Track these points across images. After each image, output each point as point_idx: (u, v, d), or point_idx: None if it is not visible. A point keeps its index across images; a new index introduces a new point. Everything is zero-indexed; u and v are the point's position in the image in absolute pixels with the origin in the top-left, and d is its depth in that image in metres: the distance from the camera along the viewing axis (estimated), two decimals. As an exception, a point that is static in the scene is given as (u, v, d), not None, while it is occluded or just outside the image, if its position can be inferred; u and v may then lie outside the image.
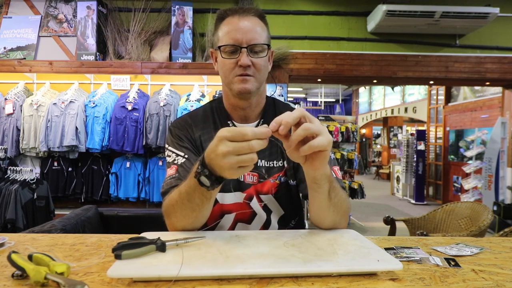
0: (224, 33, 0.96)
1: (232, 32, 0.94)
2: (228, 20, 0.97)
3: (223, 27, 0.97)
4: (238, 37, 0.94)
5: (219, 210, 1.02)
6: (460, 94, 7.27)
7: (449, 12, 3.63)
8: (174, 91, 3.65)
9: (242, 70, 0.95)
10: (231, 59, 0.95)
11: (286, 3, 4.01)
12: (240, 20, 0.95)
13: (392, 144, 12.35)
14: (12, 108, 3.48)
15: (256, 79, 0.98)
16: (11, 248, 0.78)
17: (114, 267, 0.61)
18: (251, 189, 1.02)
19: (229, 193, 1.01)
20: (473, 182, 5.50)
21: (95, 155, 3.63)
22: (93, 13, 3.65)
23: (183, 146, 1.00)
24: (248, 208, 1.02)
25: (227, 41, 0.95)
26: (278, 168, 1.03)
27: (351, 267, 0.64)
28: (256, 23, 0.97)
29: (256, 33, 0.96)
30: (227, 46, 0.95)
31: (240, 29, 0.94)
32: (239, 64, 0.94)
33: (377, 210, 6.61)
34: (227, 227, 1.02)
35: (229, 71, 0.97)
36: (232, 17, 0.97)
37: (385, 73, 4.01)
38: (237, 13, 0.97)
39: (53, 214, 2.84)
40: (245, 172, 0.73)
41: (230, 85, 0.98)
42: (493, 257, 0.78)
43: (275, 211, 1.03)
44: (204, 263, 0.63)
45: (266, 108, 1.08)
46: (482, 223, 2.34)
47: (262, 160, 1.02)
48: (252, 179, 1.02)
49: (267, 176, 1.02)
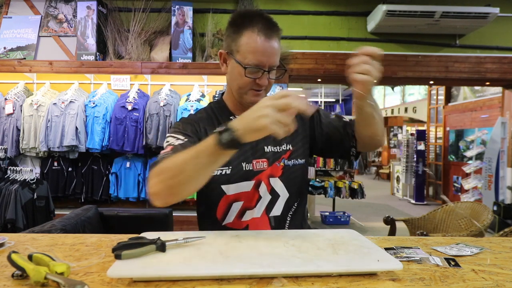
0: (248, 51, 0.97)
1: (257, 54, 0.97)
2: (252, 36, 0.97)
3: (246, 40, 0.98)
4: (263, 60, 0.97)
5: (226, 203, 1.04)
6: (460, 94, 7.27)
7: (449, 12, 3.63)
8: (174, 91, 3.65)
9: (258, 87, 1.01)
10: (252, 78, 0.99)
11: (286, 3, 4.01)
12: (266, 41, 0.97)
13: (392, 144, 12.35)
14: (12, 108, 3.48)
15: (266, 93, 1.06)
16: (11, 248, 0.78)
17: (114, 267, 0.61)
18: (260, 175, 1.05)
19: (237, 183, 1.03)
20: (473, 182, 5.49)
21: (95, 155, 3.63)
22: (93, 13, 3.65)
23: (184, 134, 1.01)
24: (256, 194, 1.05)
25: (252, 62, 0.97)
26: (283, 152, 1.09)
27: (351, 267, 0.64)
28: (278, 45, 1.01)
29: (277, 55, 1.00)
30: (252, 67, 0.98)
31: (265, 52, 0.97)
32: (257, 83, 1.00)
33: (377, 210, 6.61)
34: (234, 216, 1.04)
35: (245, 85, 1.01)
36: (256, 34, 0.97)
37: (385, 73, 3.98)
38: (262, 32, 0.97)
39: (53, 214, 2.83)
40: (277, 134, 0.73)
41: (242, 95, 1.04)
42: (493, 257, 0.78)
43: (282, 194, 1.07)
44: (204, 263, 0.63)
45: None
46: (482, 223, 2.34)
47: (268, 146, 1.07)
48: (262, 165, 1.06)
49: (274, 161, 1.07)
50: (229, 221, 1.04)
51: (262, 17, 0.99)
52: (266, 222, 1.05)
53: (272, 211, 1.05)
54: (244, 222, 1.04)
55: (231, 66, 1.03)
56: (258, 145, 1.07)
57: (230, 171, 1.03)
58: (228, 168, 1.03)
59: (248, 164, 1.05)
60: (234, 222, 1.04)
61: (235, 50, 1.00)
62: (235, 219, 1.04)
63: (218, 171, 1.03)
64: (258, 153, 1.06)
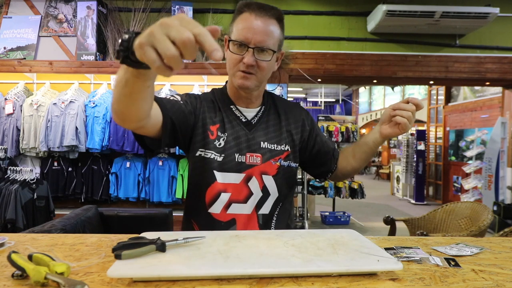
0: (237, 28, 0.99)
1: (244, 30, 0.97)
2: (245, 16, 0.99)
3: (239, 21, 1.00)
4: (248, 36, 0.96)
5: (215, 190, 1.03)
6: (460, 94, 7.27)
7: (449, 12, 3.63)
8: (174, 91, 3.65)
9: (245, 68, 0.99)
10: (237, 55, 0.99)
11: (286, 3, 4.01)
12: (255, 19, 0.97)
13: (392, 144, 12.35)
14: (12, 108, 3.48)
15: (257, 78, 1.02)
16: (11, 248, 0.78)
17: (114, 267, 0.61)
18: (252, 169, 1.04)
19: (227, 173, 1.03)
20: (473, 182, 5.49)
21: (95, 155, 3.63)
22: (93, 13, 3.65)
23: (182, 99, 1.04)
24: (245, 188, 1.03)
25: (237, 37, 0.98)
26: (280, 152, 1.08)
27: (351, 267, 0.64)
28: (270, 25, 0.99)
29: (266, 35, 0.98)
30: (236, 42, 0.98)
31: (252, 28, 0.96)
32: (243, 62, 0.98)
33: (377, 210, 6.61)
34: (221, 207, 1.03)
35: (233, 65, 1.01)
36: (249, 13, 0.98)
37: (385, 73, 4.01)
38: (255, 11, 0.98)
39: (53, 214, 2.83)
40: (150, 64, 0.52)
41: (232, 77, 1.04)
42: (493, 257, 0.78)
43: (272, 193, 1.06)
44: (204, 263, 0.63)
45: (265, 96, 1.16)
46: (482, 223, 2.34)
47: (265, 142, 1.07)
48: (255, 160, 1.05)
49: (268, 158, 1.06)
50: (216, 211, 1.03)
51: (262, 3, 1.00)
52: (255, 220, 1.04)
53: (262, 209, 1.05)
54: (229, 215, 1.03)
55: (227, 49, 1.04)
56: (255, 139, 1.06)
57: (222, 159, 1.02)
58: (220, 156, 1.02)
59: (241, 155, 1.04)
60: (220, 214, 1.02)
61: (231, 32, 1.02)
62: (222, 210, 1.03)
63: (211, 155, 1.03)
64: (253, 147, 1.05)
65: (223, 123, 1.06)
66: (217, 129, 1.05)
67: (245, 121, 1.09)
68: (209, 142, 1.03)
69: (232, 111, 1.09)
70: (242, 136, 1.06)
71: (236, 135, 1.05)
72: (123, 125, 0.83)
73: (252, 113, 1.10)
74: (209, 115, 1.06)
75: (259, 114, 1.11)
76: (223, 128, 1.06)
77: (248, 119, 1.09)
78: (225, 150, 1.03)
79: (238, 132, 1.06)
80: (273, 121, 1.11)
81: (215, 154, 1.02)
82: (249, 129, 1.08)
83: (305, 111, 1.21)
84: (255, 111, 1.11)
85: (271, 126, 1.10)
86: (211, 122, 1.05)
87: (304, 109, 1.22)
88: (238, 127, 1.07)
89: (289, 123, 1.13)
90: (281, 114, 1.13)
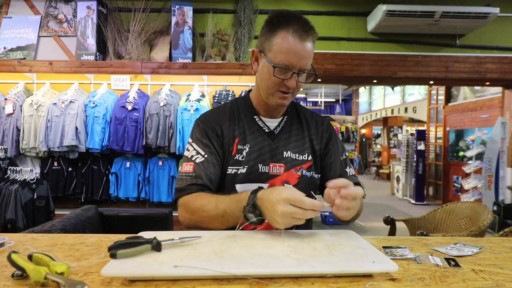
0: (280, 50, 0.96)
1: (289, 55, 0.95)
2: (288, 37, 0.95)
3: (279, 40, 0.96)
4: (293, 61, 0.96)
5: None
6: (460, 94, 7.27)
7: (449, 12, 3.63)
8: (174, 91, 3.65)
9: (286, 89, 1.00)
10: (280, 78, 0.98)
11: (286, 3, 4.01)
12: (299, 42, 0.95)
13: (392, 144, 12.35)
14: (12, 108, 3.48)
15: (293, 95, 1.05)
16: (11, 248, 0.78)
17: (108, 266, 0.61)
18: (274, 179, 1.05)
19: (250, 184, 1.03)
20: (473, 182, 5.49)
21: (95, 155, 3.63)
22: (93, 13, 3.65)
23: (206, 145, 1.04)
24: None
25: (282, 62, 0.96)
26: (302, 161, 1.08)
27: (345, 268, 0.64)
28: (311, 48, 0.99)
29: (309, 58, 0.98)
30: (281, 68, 0.97)
31: (297, 54, 0.95)
32: (285, 84, 0.99)
33: (377, 210, 6.60)
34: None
35: (273, 85, 1.01)
36: (291, 35, 0.95)
37: (385, 73, 4.01)
38: (297, 32, 0.95)
39: (53, 214, 2.83)
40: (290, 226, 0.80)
41: (269, 95, 1.04)
42: (493, 257, 0.78)
43: None
44: (198, 263, 0.63)
45: (289, 107, 1.16)
46: (482, 223, 2.34)
47: (288, 151, 1.07)
48: (278, 170, 1.06)
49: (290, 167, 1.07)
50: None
51: (299, 18, 0.98)
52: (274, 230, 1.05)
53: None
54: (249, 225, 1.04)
55: (261, 65, 1.03)
56: (278, 149, 1.07)
57: (245, 171, 1.03)
58: (244, 168, 1.03)
59: (264, 166, 1.04)
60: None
61: (267, 49, 0.99)
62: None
63: (233, 170, 1.03)
64: (276, 157, 1.06)
65: (244, 135, 1.07)
66: (237, 143, 1.06)
67: (268, 132, 1.09)
68: (230, 158, 1.05)
69: (255, 121, 1.10)
70: (265, 146, 1.07)
71: (260, 145, 1.06)
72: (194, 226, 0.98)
73: (275, 123, 1.11)
74: (227, 135, 1.07)
75: (281, 123, 1.12)
76: (244, 140, 1.06)
77: (271, 129, 1.10)
78: (249, 162, 1.04)
79: (261, 143, 1.07)
80: (295, 130, 1.12)
81: (237, 168, 1.03)
82: (272, 139, 1.08)
83: (331, 125, 1.20)
84: (277, 121, 1.11)
85: (294, 136, 1.11)
86: (231, 139, 1.07)
87: (331, 124, 1.20)
88: (261, 138, 1.07)
89: (311, 133, 1.13)
90: (304, 124, 1.14)
